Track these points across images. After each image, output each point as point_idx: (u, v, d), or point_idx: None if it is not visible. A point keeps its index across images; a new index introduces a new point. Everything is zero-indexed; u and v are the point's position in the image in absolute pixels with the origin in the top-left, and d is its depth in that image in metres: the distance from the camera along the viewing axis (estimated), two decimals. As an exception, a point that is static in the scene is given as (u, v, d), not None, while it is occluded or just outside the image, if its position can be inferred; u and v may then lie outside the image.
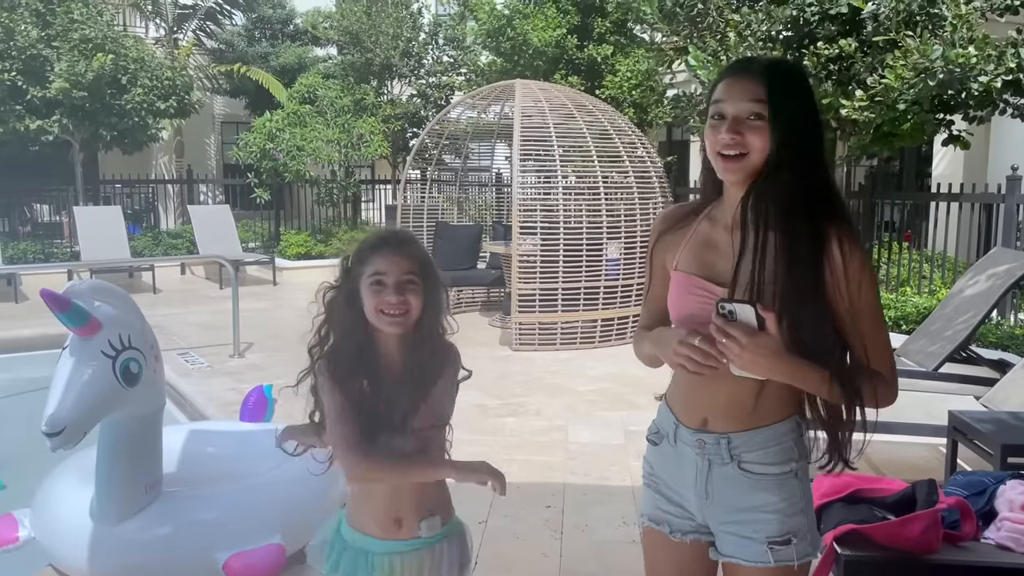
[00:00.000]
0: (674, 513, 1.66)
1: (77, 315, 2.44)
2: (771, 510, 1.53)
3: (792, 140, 1.47)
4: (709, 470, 1.57)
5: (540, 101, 7.50)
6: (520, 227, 7.05)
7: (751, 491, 1.55)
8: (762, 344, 1.39)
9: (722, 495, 1.57)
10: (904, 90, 5.96)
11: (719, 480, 1.57)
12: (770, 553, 1.52)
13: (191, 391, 5.61)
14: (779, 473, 1.54)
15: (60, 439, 2.40)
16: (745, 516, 1.55)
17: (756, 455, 1.54)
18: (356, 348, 1.75)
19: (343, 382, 1.73)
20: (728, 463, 1.55)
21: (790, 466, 1.54)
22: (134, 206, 14.22)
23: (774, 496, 1.53)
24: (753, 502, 1.54)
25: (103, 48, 10.93)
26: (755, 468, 1.54)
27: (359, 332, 1.74)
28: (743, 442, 1.54)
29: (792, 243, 1.45)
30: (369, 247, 1.74)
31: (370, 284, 1.69)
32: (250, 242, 13.45)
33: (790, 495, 1.54)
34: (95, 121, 11.25)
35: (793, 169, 1.47)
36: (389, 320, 1.69)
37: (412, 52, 13.22)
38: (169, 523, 2.84)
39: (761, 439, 1.54)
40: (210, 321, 8.23)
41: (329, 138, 11.95)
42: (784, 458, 1.54)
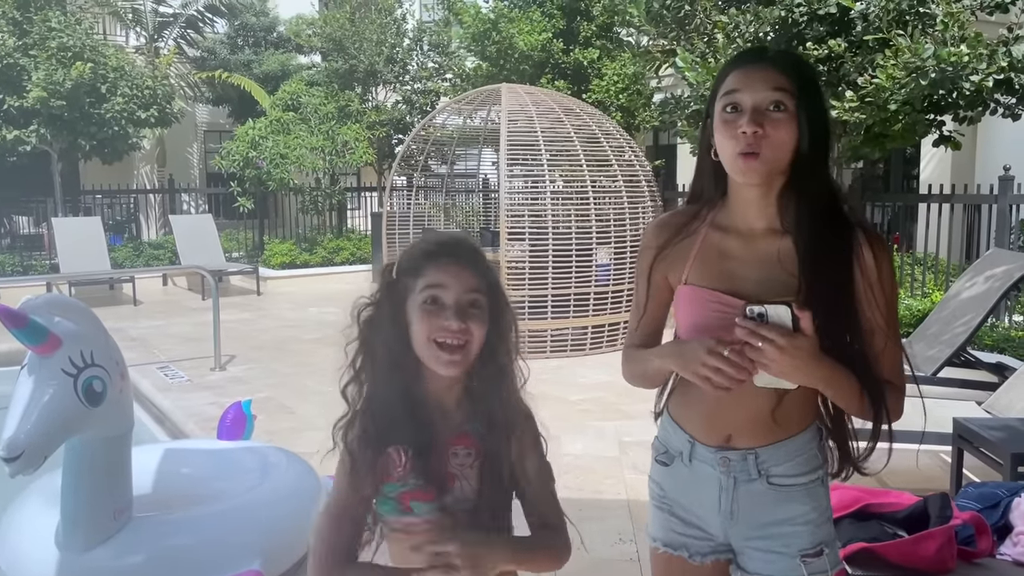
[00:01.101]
0: (693, 536, 1.56)
1: (34, 331, 2.29)
2: (801, 522, 1.46)
3: (817, 135, 1.37)
4: (735, 488, 1.49)
5: (527, 105, 7.38)
6: (508, 233, 6.92)
7: (780, 504, 1.47)
8: (800, 346, 1.28)
9: (749, 512, 1.49)
10: (895, 90, 5.87)
11: (745, 497, 1.49)
12: (803, 567, 1.45)
13: (170, 407, 5.44)
14: (807, 482, 1.47)
15: (18, 464, 2.24)
16: (774, 531, 1.48)
17: (784, 467, 1.47)
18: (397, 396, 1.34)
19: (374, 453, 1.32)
20: (756, 479, 1.47)
21: (817, 474, 1.48)
22: (115, 216, 14.01)
23: (804, 506, 1.47)
24: (783, 515, 1.47)
25: (82, 57, 10.76)
26: (784, 481, 1.47)
27: (403, 371, 1.33)
28: (770, 456, 1.47)
29: (826, 247, 1.36)
30: (422, 254, 1.34)
31: (422, 302, 1.30)
32: (234, 252, 13.28)
33: (819, 503, 1.48)
34: (74, 131, 11.07)
35: (822, 167, 1.38)
36: (446, 357, 1.28)
37: (397, 58, 13.10)
38: (140, 551, 2.68)
39: (787, 451, 1.47)
40: (192, 333, 8.05)
41: (313, 145, 11.80)
42: (811, 467, 1.48)
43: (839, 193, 1.42)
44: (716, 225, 1.49)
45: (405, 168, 9.18)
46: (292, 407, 5.43)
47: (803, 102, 1.35)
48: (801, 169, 1.38)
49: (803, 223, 1.39)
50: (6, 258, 11.29)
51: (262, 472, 3.26)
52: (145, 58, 13.92)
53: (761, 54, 1.42)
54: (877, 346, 1.41)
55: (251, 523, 2.89)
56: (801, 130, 1.36)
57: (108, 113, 11.09)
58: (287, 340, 7.79)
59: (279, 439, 4.24)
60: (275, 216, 14.23)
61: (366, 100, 13.34)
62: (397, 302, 1.32)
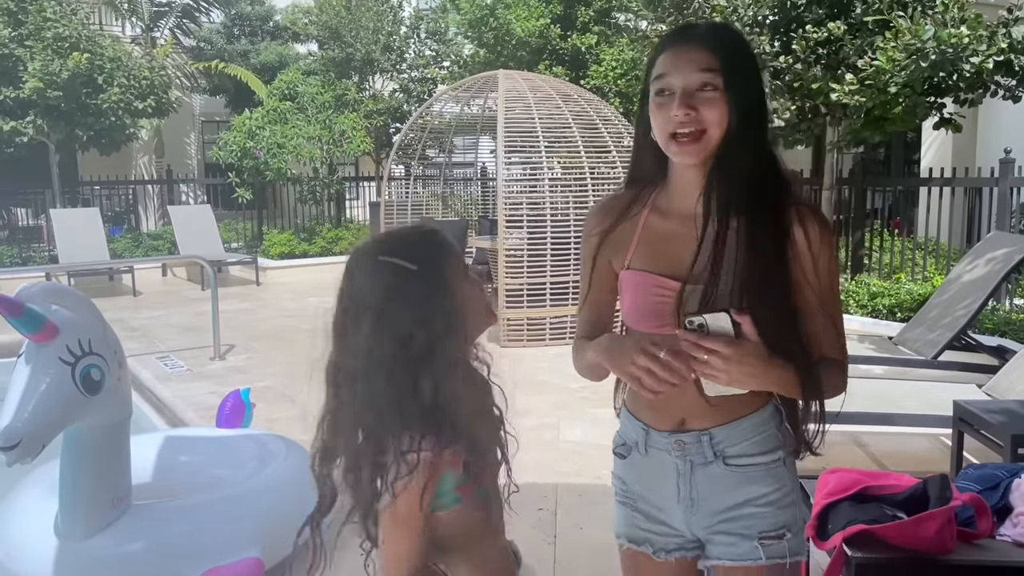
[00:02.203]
0: (656, 531, 1.51)
1: (31, 320, 2.28)
2: (763, 503, 1.41)
3: (750, 112, 1.33)
4: (691, 473, 1.44)
5: (524, 92, 7.34)
6: (506, 221, 6.90)
7: (739, 486, 1.42)
8: (748, 352, 1.25)
9: (708, 499, 1.44)
10: (896, 72, 5.85)
11: (703, 482, 1.44)
12: (760, 549, 1.40)
13: (170, 396, 5.44)
14: (768, 463, 1.42)
15: (16, 453, 2.24)
16: (734, 514, 1.42)
17: (741, 447, 1.41)
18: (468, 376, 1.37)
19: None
20: (712, 461, 1.42)
21: (777, 454, 1.43)
22: (114, 207, 13.98)
23: (766, 487, 1.42)
24: (743, 497, 1.42)
25: (78, 47, 10.71)
26: (741, 461, 1.42)
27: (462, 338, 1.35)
28: (726, 435, 1.41)
29: (756, 229, 1.33)
30: (436, 237, 1.35)
31: (467, 275, 1.37)
32: (233, 242, 13.26)
33: (782, 484, 1.43)
34: (71, 121, 11.03)
35: (752, 145, 1.34)
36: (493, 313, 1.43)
37: (393, 46, 13.03)
38: (139, 538, 2.68)
39: (743, 430, 1.41)
40: (191, 323, 8.04)
41: (310, 135, 11.75)
42: (770, 447, 1.42)
43: (777, 169, 1.38)
44: (657, 208, 1.46)
45: (403, 157, 9.16)
46: (291, 396, 5.43)
47: (731, 80, 1.32)
48: (731, 147, 1.34)
49: (732, 203, 1.34)
50: (5, 250, 11.27)
51: (261, 460, 3.26)
52: (141, 48, 13.85)
53: (689, 33, 1.38)
54: (813, 327, 1.38)
55: (250, 510, 2.89)
56: (731, 108, 1.32)
57: (105, 103, 11.04)
58: (286, 330, 7.78)
59: (279, 427, 4.24)
60: (273, 206, 14.21)
61: (363, 89, 13.28)
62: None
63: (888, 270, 8.10)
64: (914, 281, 7.61)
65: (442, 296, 1.24)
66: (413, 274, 1.23)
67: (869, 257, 8.51)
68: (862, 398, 3.77)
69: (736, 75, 1.33)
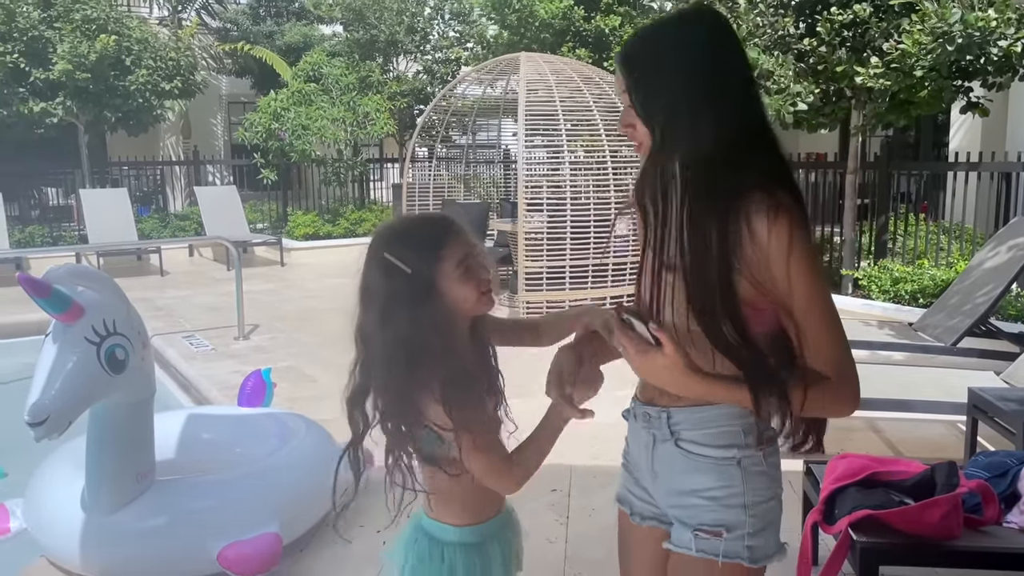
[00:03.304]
0: (637, 495, 1.57)
1: (58, 300, 2.35)
2: (707, 496, 1.40)
3: (664, 119, 1.31)
4: (654, 446, 1.47)
5: (546, 74, 7.34)
6: (527, 204, 6.92)
7: (688, 472, 1.42)
8: (654, 362, 1.27)
9: (665, 476, 1.46)
10: (921, 56, 5.78)
11: (662, 458, 1.46)
12: (694, 540, 1.39)
13: (195, 374, 5.56)
14: (718, 457, 1.39)
15: (43, 429, 2.32)
16: (683, 500, 1.43)
17: (694, 434, 1.41)
18: (465, 352, 1.51)
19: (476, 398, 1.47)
20: (668, 439, 1.44)
21: (731, 452, 1.38)
22: (142, 188, 14.16)
23: (711, 481, 1.39)
24: (690, 485, 1.42)
25: (106, 29, 10.83)
26: (692, 448, 1.41)
27: (454, 331, 1.48)
28: (683, 418, 1.42)
29: (691, 236, 1.28)
30: (431, 239, 1.49)
31: (460, 274, 1.45)
32: (258, 223, 13.38)
33: (728, 483, 1.38)
34: (99, 103, 11.17)
35: (673, 147, 1.31)
36: (488, 298, 1.50)
37: (417, 27, 13.03)
38: (162, 513, 2.77)
39: (699, 418, 1.40)
40: (216, 303, 8.17)
41: (335, 117, 11.81)
42: (725, 442, 1.38)
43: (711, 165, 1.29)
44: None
45: (426, 139, 9.19)
46: (313, 375, 5.52)
47: (636, 95, 1.34)
48: (651, 158, 1.34)
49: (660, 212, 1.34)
50: (36, 229, 11.48)
51: (281, 438, 3.34)
52: (168, 30, 13.97)
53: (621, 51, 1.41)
54: (790, 329, 1.30)
55: (270, 487, 2.96)
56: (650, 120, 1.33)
57: (132, 85, 11.17)
58: (309, 311, 7.88)
59: (300, 406, 4.32)
60: (298, 187, 14.32)
61: (387, 70, 13.30)
62: (428, 284, 1.44)
63: (912, 255, 8.03)
64: (937, 267, 7.53)
65: (426, 296, 1.43)
66: (400, 272, 1.43)
67: (894, 242, 8.44)
68: (880, 384, 3.77)
69: (639, 89, 1.33)
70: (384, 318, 1.43)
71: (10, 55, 10.42)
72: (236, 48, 14.17)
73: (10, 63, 10.43)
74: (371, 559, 3.02)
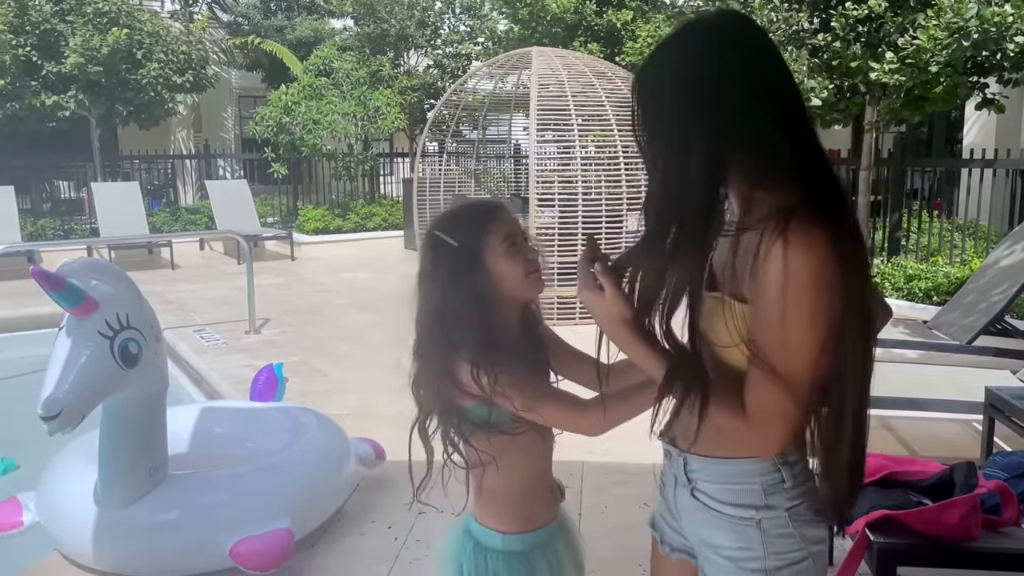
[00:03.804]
0: (669, 524, 1.47)
1: (72, 294, 2.35)
2: (724, 555, 1.29)
3: (660, 147, 1.22)
4: (675, 488, 1.39)
5: (558, 69, 7.31)
6: (538, 199, 6.90)
7: (707, 525, 1.32)
8: (593, 301, 1.28)
9: (687, 519, 1.38)
10: (937, 51, 5.73)
11: (682, 501, 1.37)
12: None
13: (206, 368, 5.56)
14: (735, 516, 1.27)
15: (57, 422, 2.32)
16: (704, 551, 1.34)
17: (710, 487, 1.30)
18: (509, 332, 1.51)
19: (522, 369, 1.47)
20: (686, 485, 1.35)
21: (749, 513, 1.26)
22: (153, 181, 14.20)
23: (727, 539, 1.28)
24: (709, 539, 1.32)
25: (118, 22, 10.84)
26: (709, 502, 1.30)
27: (496, 308, 1.48)
28: (699, 468, 1.32)
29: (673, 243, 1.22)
30: (480, 216, 1.51)
31: (505, 249, 1.46)
32: (268, 217, 13.40)
33: (747, 545, 1.26)
34: (111, 96, 11.19)
35: (664, 176, 1.21)
36: (537, 279, 1.51)
37: (428, 21, 13.01)
38: (174, 508, 2.77)
39: (719, 471, 1.29)
40: (227, 297, 8.18)
41: (345, 111, 11.81)
42: (744, 501, 1.26)
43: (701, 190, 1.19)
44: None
45: (436, 134, 9.16)
46: (324, 370, 5.52)
47: (644, 125, 1.25)
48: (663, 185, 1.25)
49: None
50: (48, 222, 11.51)
51: (293, 433, 3.33)
52: (180, 23, 13.99)
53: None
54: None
55: (281, 483, 2.96)
56: (652, 152, 1.24)
57: (144, 79, 11.18)
58: (320, 305, 7.88)
59: (311, 401, 4.31)
60: (309, 182, 14.33)
61: (398, 65, 13.28)
62: (475, 259, 1.46)
63: (926, 252, 7.97)
64: (952, 264, 7.48)
65: (471, 267, 1.45)
66: (448, 247, 1.45)
67: (907, 239, 8.38)
68: (894, 382, 3.74)
69: (645, 118, 1.24)
70: (431, 290, 1.45)
71: (22, 48, 10.44)
72: (247, 42, 14.18)
73: (22, 56, 10.46)
74: (383, 554, 3.02)
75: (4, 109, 10.62)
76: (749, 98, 1.17)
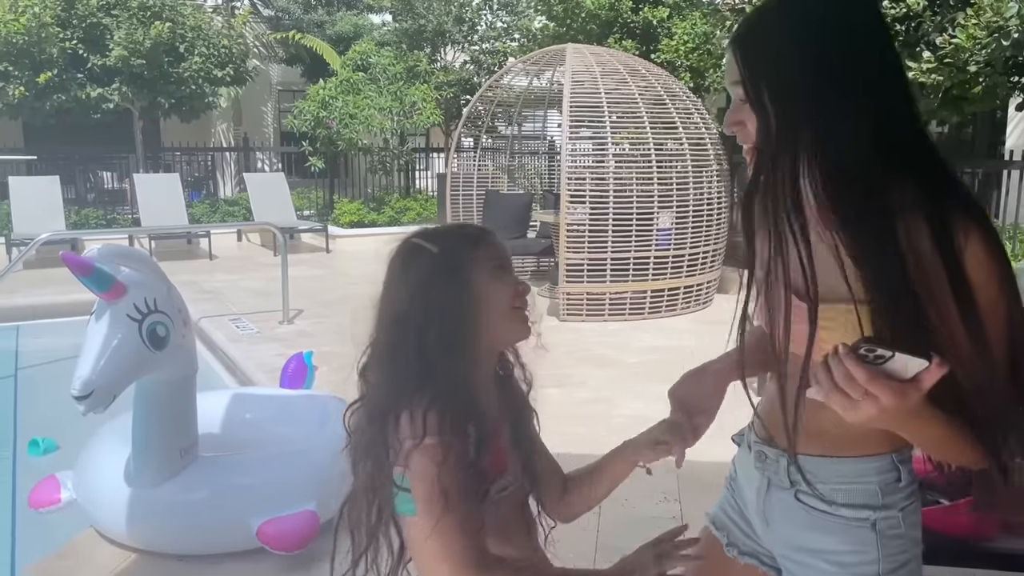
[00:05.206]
0: (739, 525, 1.40)
1: (100, 279, 2.44)
2: (833, 561, 1.20)
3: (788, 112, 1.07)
4: (768, 491, 1.28)
5: (592, 66, 7.32)
6: (569, 195, 6.92)
7: (811, 529, 1.23)
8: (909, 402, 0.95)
9: (780, 525, 1.28)
10: (976, 51, 5.64)
11: (778, 506, 1.27)
12: None
13: (240, 356, 5.67)
14: (850, 518, 1.19)
15: (89, 402, 2.41)
16: (804, 558, 1.24)
17: (823, 488, 1.20)
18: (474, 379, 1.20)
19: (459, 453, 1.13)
20: (787, 488, 1.25)
21: (865, 514, 1.18)
22: (193, 173, 14.47)
23: (838, 543, 1.20)
24: (814, 544, 1.23)
25: (161, 16, 11.07)
26: (817, 504, 1.21)
27: (475, 337, 1.20)
28: (813, 468, 1.20)
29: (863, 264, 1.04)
30: (469, 233, 1.28)
31: (492, 268, 1.22)
32: (305, 210, 13.58)
33: (861, 548, 1.18)
34: (154, 89, 11.43)
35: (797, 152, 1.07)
36: (522, 316, 1.23)
37: (465, 17, 13.07)
38: (204, 488, 2.85)
39: (834, 471, 1.20)
40: (263, 288, 8.31)
41: (382, 106, 11.92)
42: (861, 501, 1.18)
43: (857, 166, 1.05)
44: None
45: (471, 129, 9.23)
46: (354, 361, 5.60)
47: (753, 87, 1.10)
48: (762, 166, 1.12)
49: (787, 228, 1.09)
50: (91, 212, 11.79)
51: (321, 419, 3.40)
52: (221, 17, 14.22)
53: (732, 37, 1.16)
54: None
55: (308, 467, 3.03)
56: (765, 119, 1.09)
57: (186, 72, 11.40)
58: (353, 297, 7.95)
59: (341, 391, 4.39)
60: (345, 175, 14.49)
61: (434, 60, 13.37)
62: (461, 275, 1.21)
63: (963, 255, 7.85)
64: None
65: (449, 277, 1.19)
66: (426, 254, 1.21)
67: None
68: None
69: (757, 80, 1.09)
70: (396, 299, 1.21)
71: (69, 41, 10.71)
72: (287, 37, 14.37)
73: (69, 49, 10.72)
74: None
75: (51, 101, 10.91)
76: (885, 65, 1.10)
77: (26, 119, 11.77)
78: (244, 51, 12.60)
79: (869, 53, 1.07)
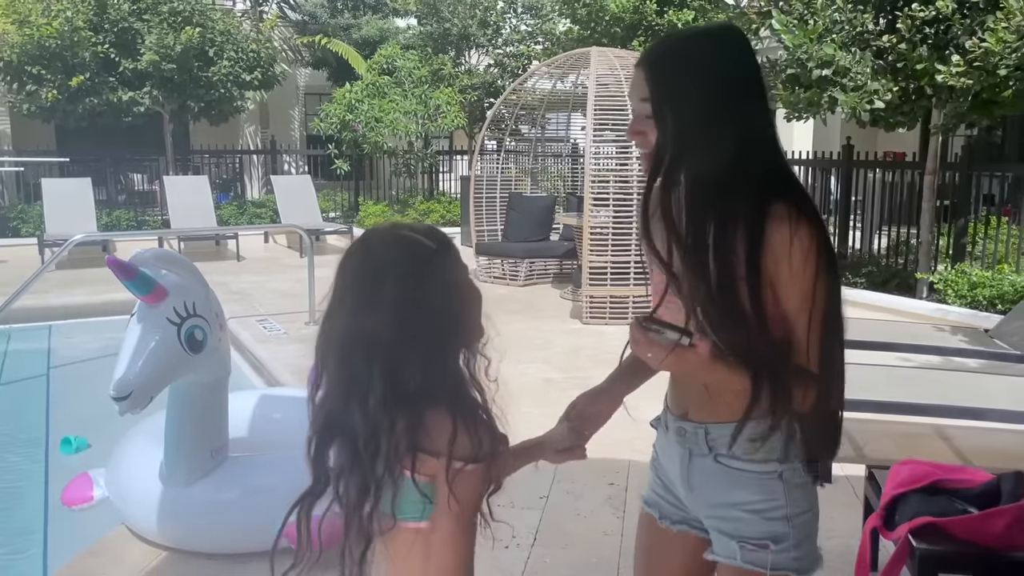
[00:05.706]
0: (667, 499, 1.59)
1: (143, 283, 2.49)
2: (749, 509, 1.41)
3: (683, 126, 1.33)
4: (690, 461, 1.48)
5: (616, 69, 7.33)
6: (593, 199, 6.93)
7: (729, 487, 1.43)
8: (686, 360, 1.28)
9: (703, 489, 1.47)
10: (1005, 54, 5.58)
11: (699, 472, 1.47)
12: (739, 552, 1.41)
13: (267, 357, 5.74)
14: (760, 472, 1.40)
15: (127, 403, 2.47)
16: (724, 513, 1.45)
17: (734, 449, 1.41)
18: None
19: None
20: (707, 455, 1.45)
21: (772, 466, 1.40)
22: (222, 175, 14.62)
23: (753, 495, 1.41)
24: (731, 498, 1.43)
25: (191, 21, 11.22)
26: (732, 463, 1.42)
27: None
28: (721, 434, 1.42)
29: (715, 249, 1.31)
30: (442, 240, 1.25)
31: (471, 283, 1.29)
32: (330, 212, 13.67)
33: (772, 496, 1.40)
34: (183, 93, 11.58)
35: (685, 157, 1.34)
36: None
37: (490, 21, 13.12)
38: (234, 487, 2.90)
39: (741, 433, 1.39)
40: (290, 289, 8.39)
41: (406, 109, 12.00)
42: (766, 456, 1.40)
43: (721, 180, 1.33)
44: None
45: (495, 132, 9.26)
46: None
47: (659, 109, 1.34)
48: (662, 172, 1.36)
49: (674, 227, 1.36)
50: (122, 213, 11.97)
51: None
52: (250, 22, 14.38)
53: (642, 56, 1.41)
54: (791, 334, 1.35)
55: (335, 468, 3.06)
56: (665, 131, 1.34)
57: (215, 76, 11.54)
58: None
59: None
60: (370, 178, 14.59)
61: (459, 63, 13.43)
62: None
63: (992, 260, 7.76)
64: (1019, 272, 7.27)
65: (443, 260, 1.20)
66: (415, 242, 1.19)
67: (973, 245, 8.17)
68: (951, 392, 3.69)
69: (663, 101, 1.33)
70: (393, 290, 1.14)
71: (101, 45, 10.88)
72: (314, 41, 14.49)
73: (101, 53, 10.89)
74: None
75: (83, 104, 11.09)
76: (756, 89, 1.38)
77: (58, 122, 11.97)
78: (272, 55, 12.73)
79: (744, 88, 1.35)
